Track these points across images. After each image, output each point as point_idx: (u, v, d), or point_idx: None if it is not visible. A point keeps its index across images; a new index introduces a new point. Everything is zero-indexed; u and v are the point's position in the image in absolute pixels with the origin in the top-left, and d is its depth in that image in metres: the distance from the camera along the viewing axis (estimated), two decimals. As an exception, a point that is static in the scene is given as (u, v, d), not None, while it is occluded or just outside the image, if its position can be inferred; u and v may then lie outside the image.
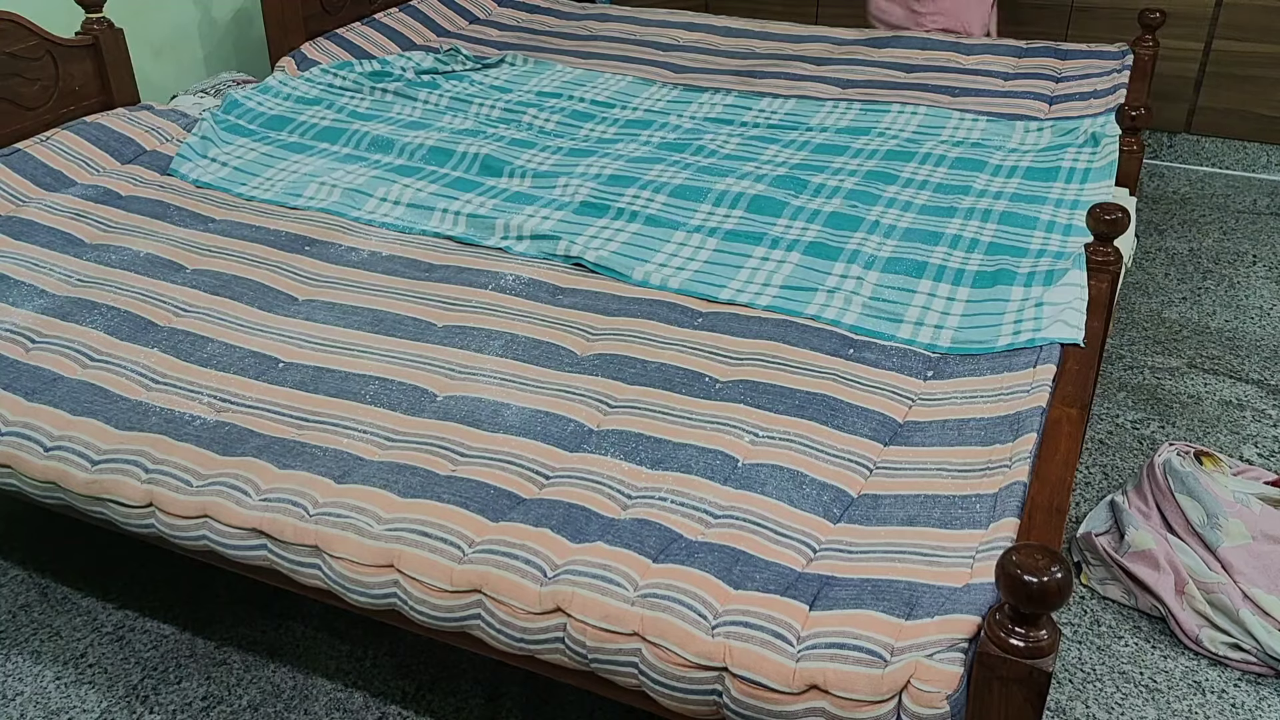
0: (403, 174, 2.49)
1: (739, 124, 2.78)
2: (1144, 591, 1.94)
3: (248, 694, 1.83)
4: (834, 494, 1.48)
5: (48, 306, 1.96)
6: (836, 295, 1.95)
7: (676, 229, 2.21)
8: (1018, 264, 2.02)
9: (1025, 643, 1.12)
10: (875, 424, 1.62)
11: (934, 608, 1.24)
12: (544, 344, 1.83)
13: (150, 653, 1.91)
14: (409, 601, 1.40)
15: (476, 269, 2.09)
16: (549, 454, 1.57)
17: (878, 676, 1.18)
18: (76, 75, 2.69)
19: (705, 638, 1.25)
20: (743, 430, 1.60)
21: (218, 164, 2.57)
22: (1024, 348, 1.75)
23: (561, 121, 2.81)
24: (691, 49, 3.46)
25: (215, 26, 3.48)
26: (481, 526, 1.42)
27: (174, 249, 2.17)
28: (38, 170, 2.43)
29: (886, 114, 2.81)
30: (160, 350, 1.84)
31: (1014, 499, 1.37)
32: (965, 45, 3.35)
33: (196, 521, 1.53)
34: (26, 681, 1.85)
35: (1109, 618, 1.97)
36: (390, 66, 3.08)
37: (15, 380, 1.76)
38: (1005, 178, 2.42)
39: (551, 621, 1.32)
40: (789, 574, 1.34)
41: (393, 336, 1.87)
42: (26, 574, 2.09)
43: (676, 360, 1.78)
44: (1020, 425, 1.54)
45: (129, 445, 1.61)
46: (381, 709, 1.80)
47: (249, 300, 1.99)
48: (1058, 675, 1.86)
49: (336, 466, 1.55)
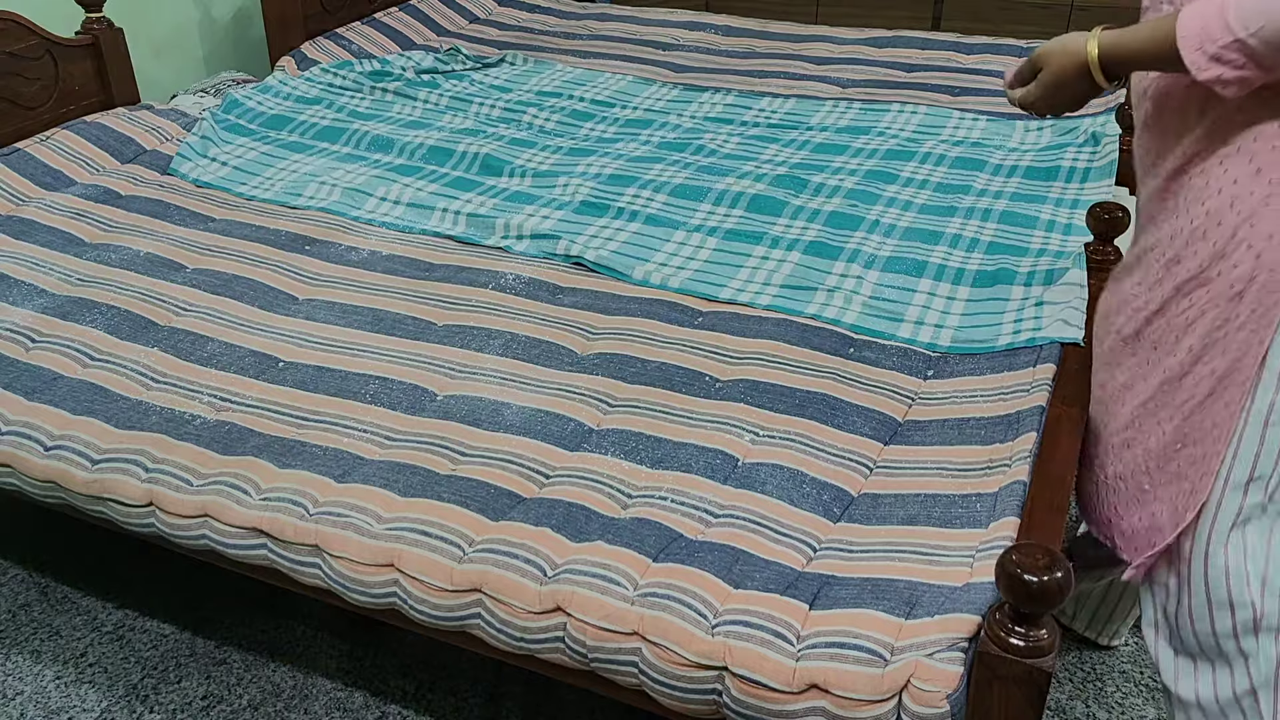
0: (403, 173, 2.49)
1: (739, 123, 2.78)
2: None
3: (248, 693, 1.83)
4: (834, 493, 1.48)
5: (48, 306, 1.96)
6: (837, 294, 1.95)
7: (677, 228, 2.21)
8: (1018, 263, 2.02)
9: (1025, 642, 1.12)
10: (875, 423, 1.62)
11: (934, 607, 1.24)
12: (544, 343, 1.83)
13: (150, 652, 1.91)
14: (409, 601, 1.40)
15: (476, 268, 2.09)
16: (549, 453, 1.57)
17: (878, 676, 1.18)
18: (76, 75, 2.69)
19: (705, 637, 1.25)
20: (743, 429, 1.60)
21: (218, 163, 2.57)
22: (1024, 347, 1.75)
23: (561, 121, 2.81)
24: (692, 48, 3.46)
25: (215, 26, 3.48)
26: (481, 526, 1.42)
27: (174, 248, 2.17)
28: (38, 170, 2.43)
29: (886, 113, 2.81)
30: (160, 349, 1.84)
31: (1014, 498, 1.37)
32: (965, 45, 3.35)
33: (196, 521, 1.53)
34: (26, 681, 1.85)
35: (1109, 617, 1.96)
36: (390, 66, 3.08)
37: (15, 380, 1.76)
38: (1005, 177, 2.42)
39: (551, 621, 1.32)
40: (789, 573, 1.34)
41: (393, 336, 1.87)
42: (26, 574, 2.09)
43: (677, 359, 1.78)
44: (1020, 424, 1.54)
45: (129, 445, 1.61)
46: (381, 709, 1.80)
47: (249, 299, 1.99)
48: (1058, 675, 1.86)
49: (336, 466, 1.55)
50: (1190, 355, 1.27)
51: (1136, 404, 1.37)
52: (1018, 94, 1.39)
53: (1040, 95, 1.33)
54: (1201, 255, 1.24)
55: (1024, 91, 1.36)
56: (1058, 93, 1.31)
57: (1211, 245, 1.22)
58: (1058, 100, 1.33)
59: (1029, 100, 1.36)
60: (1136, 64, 1.23)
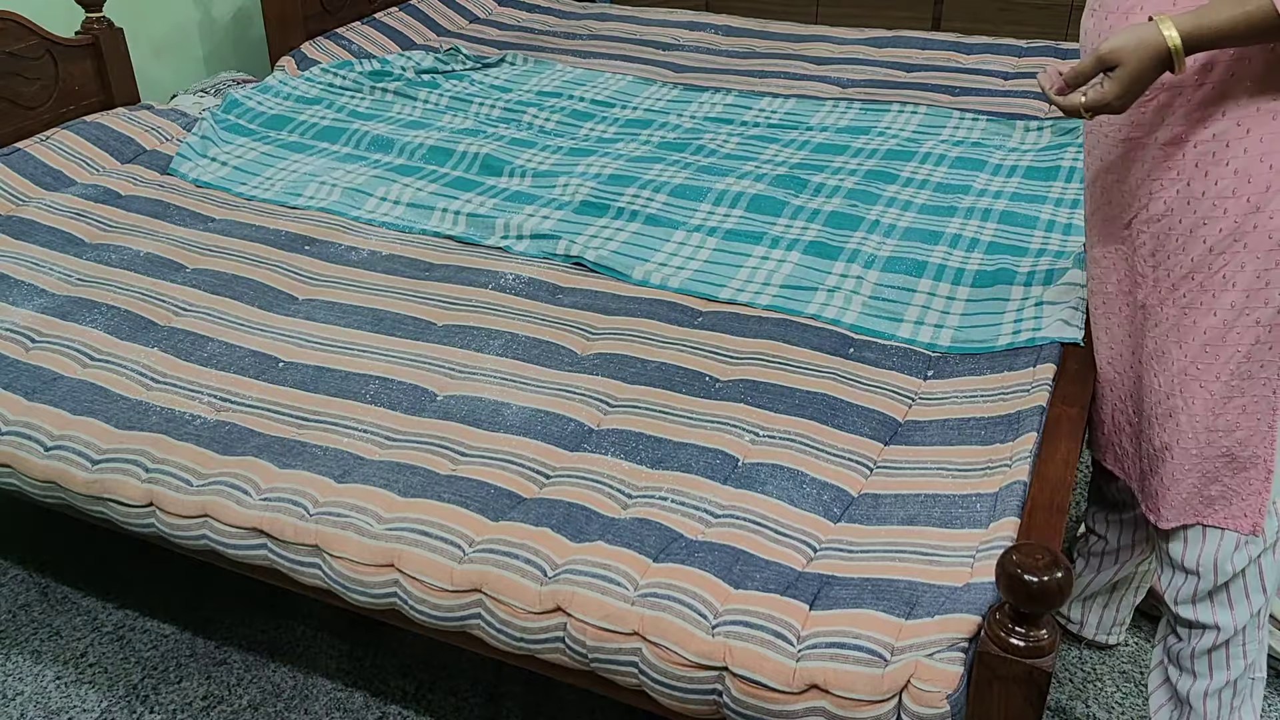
0: (403, 173, 2.48)
1: (739, 123, 2.78)
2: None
3: (248, 694, 1.83)
4: (834, 493, 1.48)
5: (48, 306, 1.96)
6: (836, 294, 1.95)
7: (677, 228, 2.21)
8: (1018, 263, 2.02)
9: (1025, 642, 1.12)
10: (875, 423, 1.62)
11: (934, 607, 1.24)
12: (544, 343, 1.83)
13: (150, 652, 1.91)
14: (409, 601, 1.40)
15: (476, 268, 2.09)
16: (549, 453, 1.57)
17: (878, 676, 1.18)
18: (76, 75, 2.69)
19: (705, 637, 1.25)
20: (743, 430, 1.60)
21: (218, 163, 2.57)
22: (1024, 347, 1.75)
23: (562, 121, 2.81)
24: (692, 48, 3.46)
25: (215, 26, 3.48)
26: (482, 526, 1.42)
27: (174, 248, 2.17)
28: (38, 170, 2.43)
29: (886, 113, 2.81)
30: (160, 350, 1.84)
31: (1014, 498, 1.37)
32: (965, 45, 3.35)
33: (197, 521, 1.53)
34: (27, 681, 1.85)
35: (1109, 617, 1.96)
36: (390, 66, 3.08)
37: (15, 380, 1.76)
38: (1005, 177, 2.42)
39: (552, 621, 1.32)
40: (789, 573, 1.34)
41: (393, 336, 1.87)
42: (26, 574, 2.09)
43: (677, 360, 1.78)
44: (1020, 424, 1.54)
45: (129, 445, 1.61)
46: (381, 709, 1.80)
47: (249, 299, 1.99)
48: (1058, 675, 1.86)
49: (336, 466, 1.55)
50: (1234, 310, 1.32)
51: (1175, 371, 1.40)
52: (1085, 96, 1.32)
53: (1120, 93, 1.28)
54: (1234, 212, 1.29)
55: (1097, 93, 1.30)
56: (1135, 87, 1.29)
57: (1245, 201, 1.28)
58: (1133, 96, 1.30)
59: (1105, 100, 1.30)
60: (1220, 43, 1.22)
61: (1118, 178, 1.43)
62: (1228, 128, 1.28)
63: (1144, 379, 1.47)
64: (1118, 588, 1.84)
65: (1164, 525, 1.47)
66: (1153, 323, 1.43)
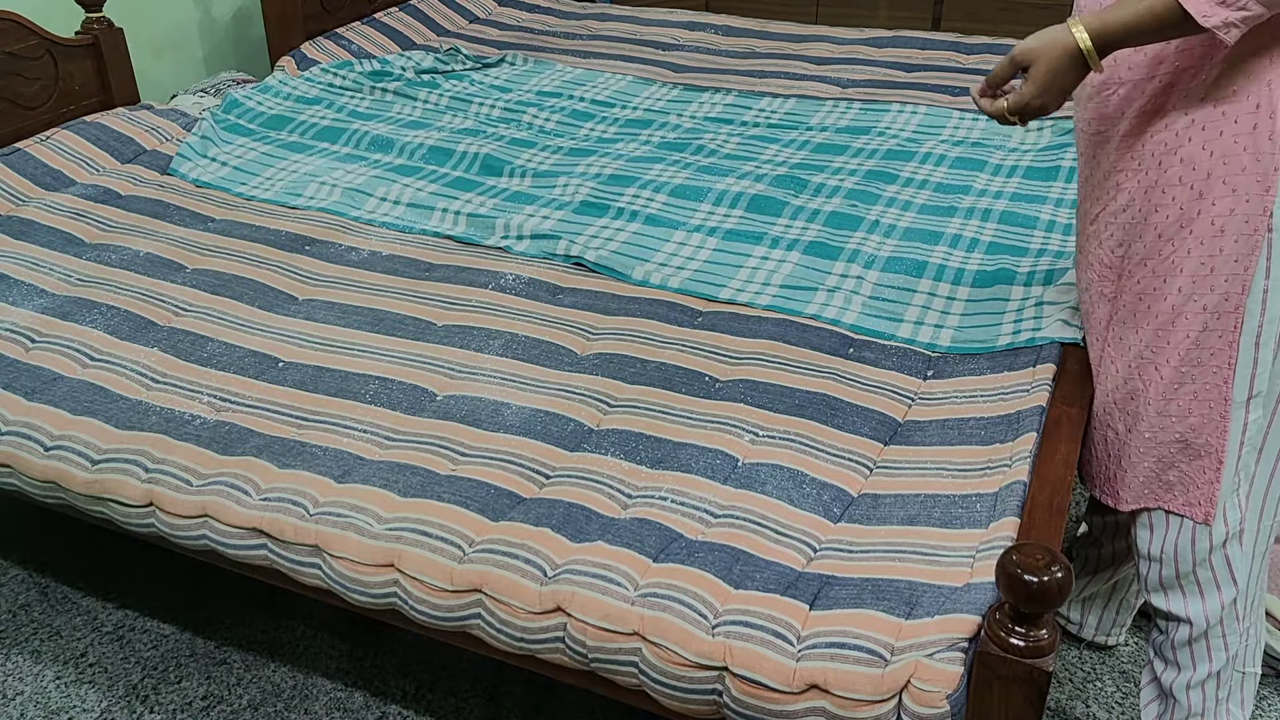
0: (403, 173, 2.48)
1: (739, 123, 2.78)
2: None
3: (248, 694, 1.83)
4: (834, 493, 1.48)
5: (48, 306, 1.96)
6: (836, 294, 1.95)
7: (676, 228, 2.21)
8: (1018, 263, 2.02)
9: (1025, 642, 1.12)
10: (875, 423, 1.62)
11: (934, 607, 1.24)
12: (544, 343, 1.83)
13: (150, 652, 1.91)
14: (409, 601, 1.40)
15: (476, 268, 2.09)
16: (549, 453, 1.57)
17: (878, 676, 1.18)
18: (76, 75, 2.69)
19: (705, 637, 1.25)
20: (743, 430, 1.60)
21: (218, 163, 2.57)
22: (1024, 347, 1.75)
23: (561, 121, 2.81)
24: (692, 48, 3.46)
25: (215, 26, 3.48)
26: (481, 526, 1.42)
27: (174, 248, 2.17)
28: (38, 170, 2.43)
29: (886, 113, 2.81)
30: (160, 350, 1.84)
31: (1014, 498, 1.37)
32: (965, 45, 3.35)
33: (196, 521, 1.53)
34: (26, 681, 1.85)
35: (1109, 617, 1.96)
36: (390, 66, 3.08)
37: (15, 380, 1.76)
38: (1005, 177, 2.42)
39: (551, 621, 1.32)
40: (789, 573, 1.34)
41: (393, 336, 1.87)
42: (26, 574, 2.09)
43: (676, 360, 1.78)
44: (1020, 424, 1.54)
45: (129, 445, 1.61)
46: (381, 709, 1.80)
47: (249, 300, 1.99)
48: (1058, 675, 1.86)
49: (336, 466, 1.55)
50: (1181, 295, 1.34)
51: (1132, 356, 1.43)
52: (1006, 101, 1.38)
53: (1037, 93, 1.33)
54: (1181, 199, 1.31)
55: (1016, 96, 1.36)
56: (1053, 86, 1.32)
57: (1189, 188, 1.30)
58: (1053, 95, 1.34)
59: (1024, 101, 1.35)
60: (1129, 40, 1.26)
61: (1089, 173, 1.48)
62: (1178, 118, 1.31)
63: (1104, 365, 1.51)
64: (1117, 588, 1.84)
65: (1123, 508, 1.49)
66: (1115, 311, 1.47)
